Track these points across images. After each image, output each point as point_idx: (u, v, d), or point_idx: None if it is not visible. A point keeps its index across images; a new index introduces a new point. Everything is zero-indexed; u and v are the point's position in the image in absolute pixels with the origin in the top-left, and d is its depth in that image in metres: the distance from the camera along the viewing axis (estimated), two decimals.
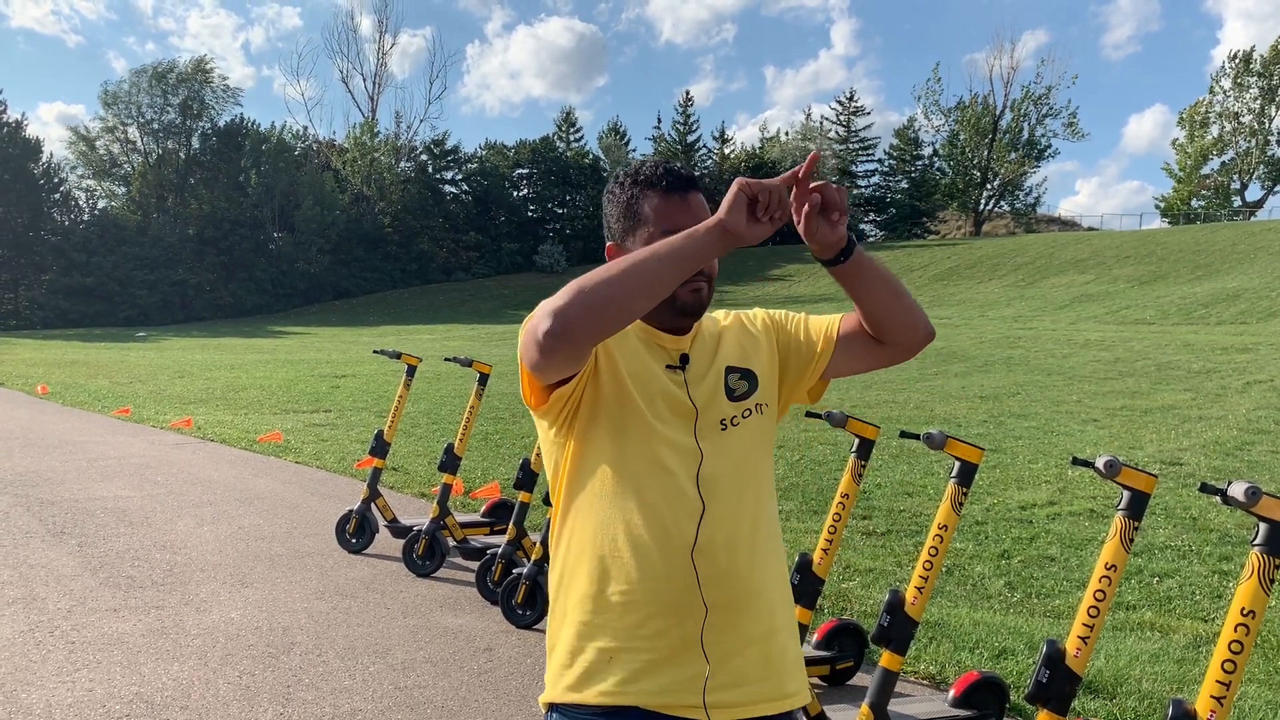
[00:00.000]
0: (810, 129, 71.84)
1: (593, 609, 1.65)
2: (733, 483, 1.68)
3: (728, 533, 1.65)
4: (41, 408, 15.24)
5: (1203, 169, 64.70)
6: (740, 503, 1.68)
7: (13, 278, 55.38)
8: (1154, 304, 28.85)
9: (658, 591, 1.62)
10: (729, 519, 1.66)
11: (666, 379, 1.70)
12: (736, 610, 1.64)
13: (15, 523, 6.99)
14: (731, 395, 1.74)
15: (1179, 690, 4.08)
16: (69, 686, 4.05)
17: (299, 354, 28.80)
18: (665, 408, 1.67)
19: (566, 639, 1.67)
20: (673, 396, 1.68)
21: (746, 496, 1.70)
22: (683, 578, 1.61)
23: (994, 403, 14.20)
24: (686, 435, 1.67)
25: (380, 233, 63.57)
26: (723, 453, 1.69)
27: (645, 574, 1.62)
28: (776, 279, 51.24)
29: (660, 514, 1.63)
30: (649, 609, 1.62)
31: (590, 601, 1.65)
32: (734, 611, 1.64)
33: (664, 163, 1.72)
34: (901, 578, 5.72)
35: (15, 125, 56.68)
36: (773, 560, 1.72)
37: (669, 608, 1.61)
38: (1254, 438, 10.50)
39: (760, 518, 1.71)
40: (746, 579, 1.66)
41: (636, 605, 1.62)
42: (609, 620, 1.63)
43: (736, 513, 1.67)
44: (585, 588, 1.66)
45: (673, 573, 1.61)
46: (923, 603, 3.31)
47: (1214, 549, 6.30)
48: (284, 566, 5.95)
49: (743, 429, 1.73)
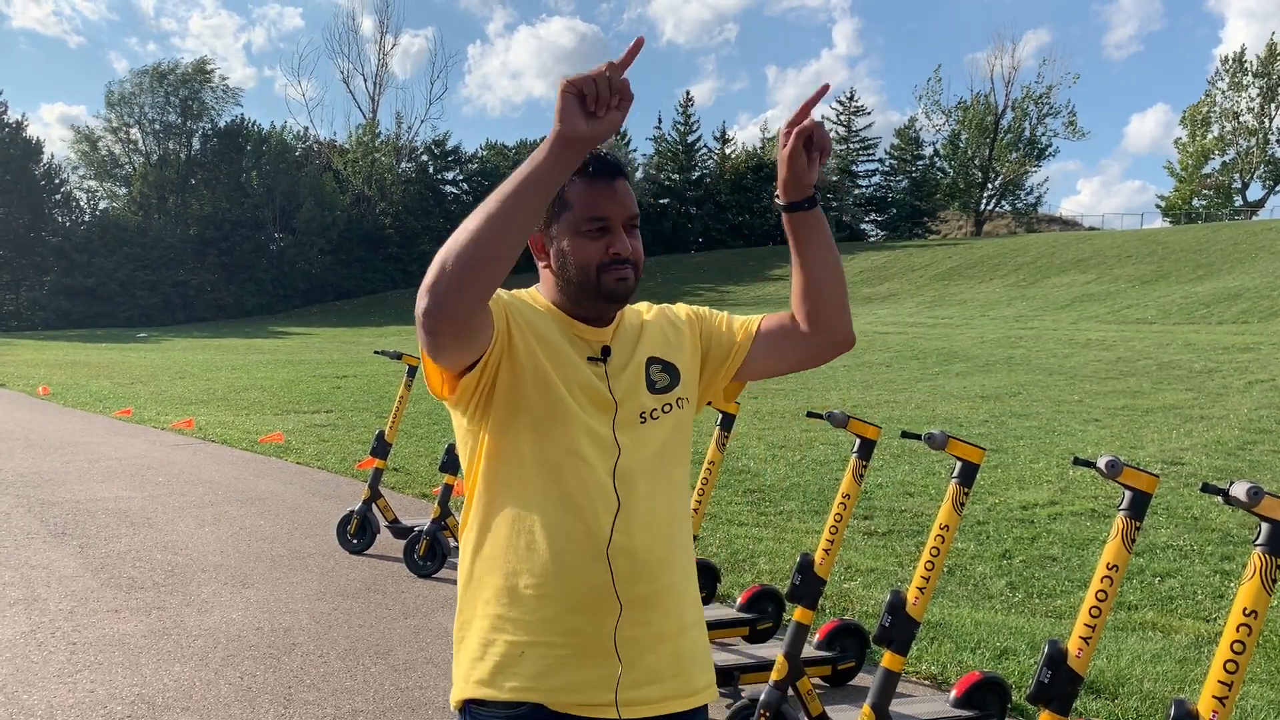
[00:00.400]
0: None
1: (506, 602, 1.62)
2: (649, 478, 1.66)
3: (643, 529, 1.63)
4: (43, 408, 15.25)
5: (1204, 168, 64.69)
6: (654, 498, 1.67)
7: (14, 278, 55.42)
8: (1155, 303, 28.84)
9: (572, 587, 1.59)
10: (645, 515, 1.64)
11: (588, 371, 1.67)
12: (650, 607, 1.63)
13: (17, 523, 6.99)
14: (653, 388, 1.72)
15: (1180, 690, 4.08)
16: (70, 687, 4.05)
17: (300, 354, 28.81)
18: (586, 400, 1.65)
19: (478, 631, 1.65)
20: (593, 389, 1.66)
21: (660, 491, 1.68)
22: (599, 574, 1.59)
23: (995, 402, 14.19)
24: (605, 428, 1.65)
25: (381, 233, 63.60)
26: (641, 446, 1.67)
27: (560, 569, 1.59)
28: (777, 279, 51.21)
29: (578, 508, 1.60)
30: (563, 604, 1.59)
31: (504, 595, 1.62)
32: (648, 609, 1.63)
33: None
34: (903, 578, 5.71)
35: (16, 126, 56.71)
36: (684, 556, 1.72)
37: (583, 604, 1.59)
38: (1256, 437, 10.49)
39: (674, 514, 1.71)
40: (660, 576, 1.65)
41: (550, 600, 1.60)
42: (522, 614, 1.61)
43: (651, 508, 1.65)
44: (499, 580, 1.63)
45: (588, 569, 1.59)
46: (924, 603, 3.30)
47: (1215, 549, 6.29)
48: (285, 567, 5.95)
49: (662, 423, 1.71)
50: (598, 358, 1.69)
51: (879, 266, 48.60)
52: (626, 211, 1.66)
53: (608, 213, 1.64)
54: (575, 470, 1.61)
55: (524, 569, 1.61)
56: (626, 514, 1.62)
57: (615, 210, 1.64)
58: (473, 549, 1.68)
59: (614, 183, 1.65)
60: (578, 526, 1.60)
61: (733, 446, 10.02)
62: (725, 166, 70.27)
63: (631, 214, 1.67)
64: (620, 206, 1.65)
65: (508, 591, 1.62)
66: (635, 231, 1.69)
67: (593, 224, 1.64)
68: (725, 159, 71.32)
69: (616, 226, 1.65)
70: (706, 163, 71.80)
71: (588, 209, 1.64)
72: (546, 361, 1.63)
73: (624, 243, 1.65)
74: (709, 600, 5.06)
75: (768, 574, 5.73)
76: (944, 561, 3.34)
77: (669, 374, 1.76)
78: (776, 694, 3.53)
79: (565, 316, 1.70)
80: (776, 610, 4.68)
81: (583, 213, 1.64)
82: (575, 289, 1.67)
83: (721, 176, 69.73)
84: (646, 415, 1.70)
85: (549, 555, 1.60)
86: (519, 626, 1.61)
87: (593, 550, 1.60)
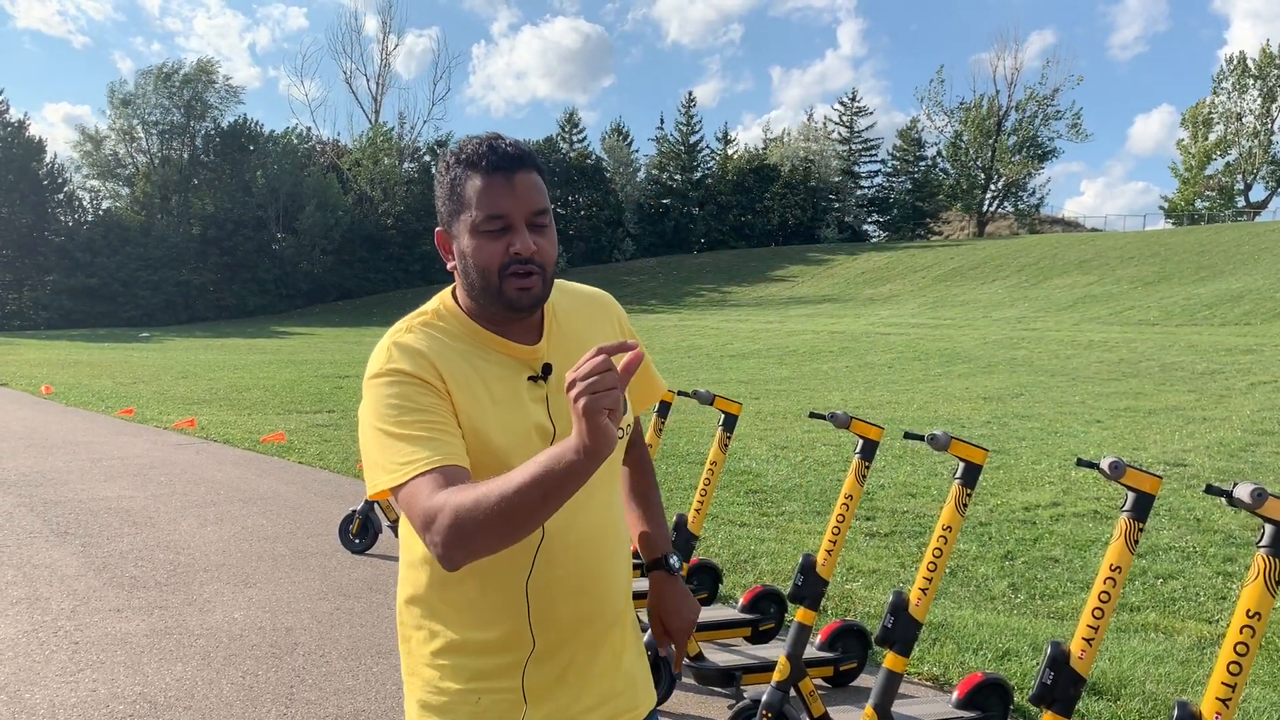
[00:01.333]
0: (812, 130, 71.82)
1: (430, 646, 1.58)
2: (583, 502, 1.51)
3: (569, 559, 1.54)
4: (45, 408, 15.26)
5: (1206, 169, 64.65)
6: (587, 524, 1.56)
7: (17, 278, 55.50)
8: (1158, 305, 28.81)
9: (487, 629, 1.54)
10: (571, 544, 1.54)
11: (528, 399, 1.55)
12: (565, 644, 1.56)
13: (19, 523, 7.00)
14: None
15: (1182, 692, 4.07)
16: (72, 686, 4.06)
17: (302, 354, 28.83)
18: (518, 437, 1.52)
19: (427, 679, 1.60)
20: (524, 424, 1.53)
21: (594, 509, 1.57)
22: (515, 612, 1.53)
23: (997, 404, 14.18)
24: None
25: (383, 233, 63.67)
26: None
27: (479, 612, 1.54)
28: (779, 279, 51.23)
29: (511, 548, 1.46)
30: (479, 649, 1.54)
31: (428, 637, 1.58)
32: (562, 645, 1.56)
33: (490, 139, 1.53)
34: (905, 579, 5.71)
35: (18, 125, 56.77)
36: (611, 585, 1.62)
37: (498, 646, 1.54)
38: (1258, 439, 10.47)
39: (606, 538, 1.60)
40: (586, 606, 1.57)
41: (468, 646, 1.55)
42: (444, 659, 1.56)
43: (580, 537, 1.55)
44: (424, 621, 1.59)
45: (505, 607, 1.53)
46: (927, 604, 3.30)
47: (1218, 550, 6.29)
48: (287, 567, 5.96)
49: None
50: (538, 375, 1.56)
51: (881, 267, 48.59)
52: (529, 206, 1.50)
53: (505, 209, 1.49)
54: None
55: (460, 614, 1.55)
56: (549, 546, 1.52)
57: (514, 206, 1.49)
58: (408, 590, 1.63)
59: (513, 177, 1.49)
60: (495, 563, 1.49)
61: (734, 447, 10.02)
62: (727, 167, 70.28)
63: (535, 209, 1.51)
64: (521, 201, 1.49)
65: (449, 638, 1.57)
66: (544, 229, 1.52)
67: (491, 223, 1.49)
68: (727, 159, 71.33)
69: (518, 224, 1.49)
70: (709, 163, 71.84)
71: (484, 206, 1.49)
72: (477, 420, 1.51)
73: (525, 241, 1.49)
74: (711, 601, 5.06)
75: (770, 575, 5.72)
76: (946, 562, 3.33)
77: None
78: (779, 695, 3.52)
79: (490, 335, 1.56)
80: (779, 611, 4.67)
81: (480, 210, 1.49)
82: (479, 293, 1.53)
83: (724, 177, 69.74)
84: None
85: (470, 597, 1.54)
86: (467, 674, 1.56)
87: (510, 588, 1.52)
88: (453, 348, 1.54)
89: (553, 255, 1.54)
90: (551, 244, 1.54)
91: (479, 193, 1.49)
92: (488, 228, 1.49)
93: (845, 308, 38.26)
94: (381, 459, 1.43)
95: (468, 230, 1.51)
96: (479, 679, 1.55)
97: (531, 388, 1.56)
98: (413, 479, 1.39)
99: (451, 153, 1.55)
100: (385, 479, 1.42)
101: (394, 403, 1.46)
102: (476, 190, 1.50)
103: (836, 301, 40.94)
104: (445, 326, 1.57)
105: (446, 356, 1.52)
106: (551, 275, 1.55)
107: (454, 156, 1.54)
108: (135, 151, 63.68)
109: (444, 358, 1.52)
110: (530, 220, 1.51)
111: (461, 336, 1.56)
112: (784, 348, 25.13)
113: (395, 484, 1.40)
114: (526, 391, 1.55)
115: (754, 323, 32.83)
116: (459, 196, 1.52)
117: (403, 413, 1.45)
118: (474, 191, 1.50)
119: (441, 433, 1.44)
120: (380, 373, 1.50)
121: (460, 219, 1.52)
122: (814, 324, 31.72)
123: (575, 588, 1.55)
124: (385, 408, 1.46)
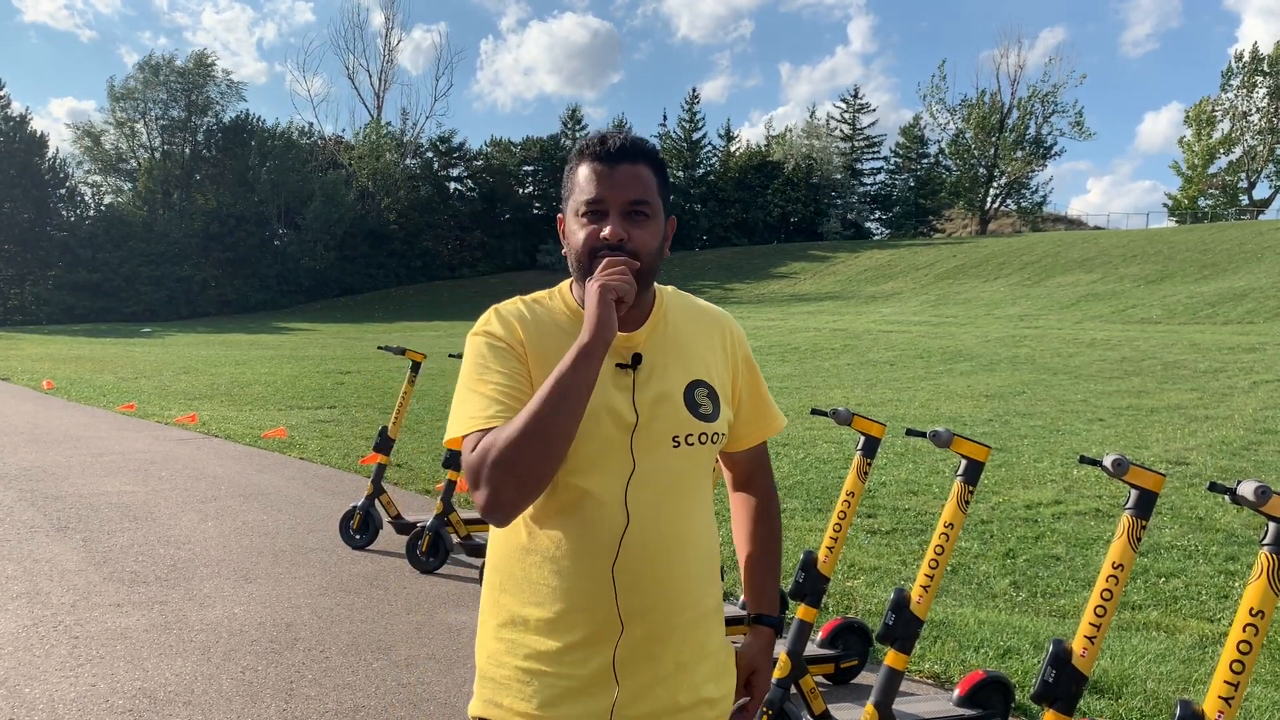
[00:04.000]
0: (815, 127, 71.73)
1: (512, 624, 1.60)
2: (668, 498, 1.58)
3: (657, 547, 1.56)
4: (47, 403, 15.27)
5: (1210, 168, 64.52)
6: (672, 519, 1.59)
7: (19, 273, 55.48)
8: (1160, 303, 28.77)
9: (575, 610, 1.55)
10: (656, 535, 1.56)
11: (610, 384, 1.58)
12: (658, 638, 1.57)
13: (20, 517, 7.00)
14: (695, 411, 1.62)
15: (1184, 690, 4.06)
16: (72, 681, 4.05)
17: (304, 350, 28.83)
18: (602, 416, 1.55)
19: (488, 647, 1.64)
20: (610, 404, 1.56)
21: (680, 513, 1.60)
22: (602, 595, 1.54)
23: (999, 401, 14.17)
24: (622, 444, 1.56)
25: (385, 229, 63.65)
26: (663, 468, 1.58)
27: (564, 591, 1.56)
28: (782, 276, 51.19)
29: (584, 525, 1.54)
30: (566, 631, 1.56)
31: (511, 616, 1.61)
32: (655, 639, 1.57)
33: (605, 133, 1.61)
34: (906, 576, 5.70)
35: (20, 120, 56.72)
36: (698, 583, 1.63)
37: (586, 626, 1.55)
38: (1261, 437, 10.45)
39: (695, 538, 1.62)
40: (670, 601, 1.58)
41: (554, 626, 1.56)
42: (526, 639, 1.59)
43: (666, 529, 1.58)
44: (507, 600, 1.62)
45: (591, 590, 1.54)
46: (928, 601, 3.29)
47: (1220, 549, 6.27)
48: (287, 562, 5.95)
49: (696, 452, 1.62)
50: (627, 364, 1.60)
51: (883, 265, 48.54)
52: (626, 195, 1.56)
53: (601, 195, 1.56)
54: (585, 487, 1.55)
55: (529, 591, 1.58)
56: (635, 532, 1.54)
57: (611, 194, 1.55)
58: (494, 563, 1.67)
59: (616, 168, 1.57)
60: (583, 544, 1.54)
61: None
62: (730, 164, 70.22)
63: (632, 198, 1.56)
64: (619, 190, 1.56)
65: (514, 613, 1.60)
66: (642, 220, 1.57)
67: (588, 207, 1.57)
68: (730, 156, 71.27)
69: (612, 211, 1.56)
70: (711, 160, 71.77)
71: (584, 192, 1.58)
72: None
73: (615, 227, 1.54)
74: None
75: None
76: (948, 560, 3.32)
77: (713, 402, 1.65)
78: (780, 692, 3.51)
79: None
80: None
81: (580, 195, 1.58)
82: (578, 275, 1.61)
83: (726, 174, 69.68)
84: (680, 439, 1.60)
85: (554, 577, 1.56)
86: (525, 652, 1.59)
87: (596, 570, 1.54)
88: (549, 325, 1.63)
89: (650, 245, 1.58)
90: (650, 235, 1.58)
91: (583, 179, 1.59)
92: (585, 212, 1.58)
93: (847, 305, 38.23)
94: (457, 411, 1.58)
95: (572, 214, 1.61)
96: (536, 660, 1.58)
97: (617, 374, 1.60)
98: (474, 432, 1.51)
99: (575, 145, 1.66)
100: (453, 428, 1.56)
101: (478, 361, 1.59)
102: (583, 177, 1.59)
103: (838, 299, 40.91)
104: (551, 305, 1.67)
105: (540, 331, 1.62)
106: (648, 265, 1.58)
107: (575, 147, 1.64)
108: (136, 147, 63.67)
109: (536, 331, 1.61)
110: (627, 209, 1.57)
111: (562, 317, 1.65)
112: (786, 345, 25.11)
113: (458, 434, 1.54)
114: (611, 377, 1.59)
115: (756, 320, 32.80)
116: (570, 183, 1.63)
117: (483, 372, 1.57)
118: (580, 178, 1.60)
119: (510, 398, 1.54)
120: (476, 331, 1.63)
121: (569, 204, 1.63)
122: (816, 321, 31.70)
123: (652, 578, 1.56)
124: (470, 365, 1.60)
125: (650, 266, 1.58)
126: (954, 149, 69.20)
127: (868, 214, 71.55)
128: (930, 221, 69.43)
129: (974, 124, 67.47)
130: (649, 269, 1.58)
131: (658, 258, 1.60)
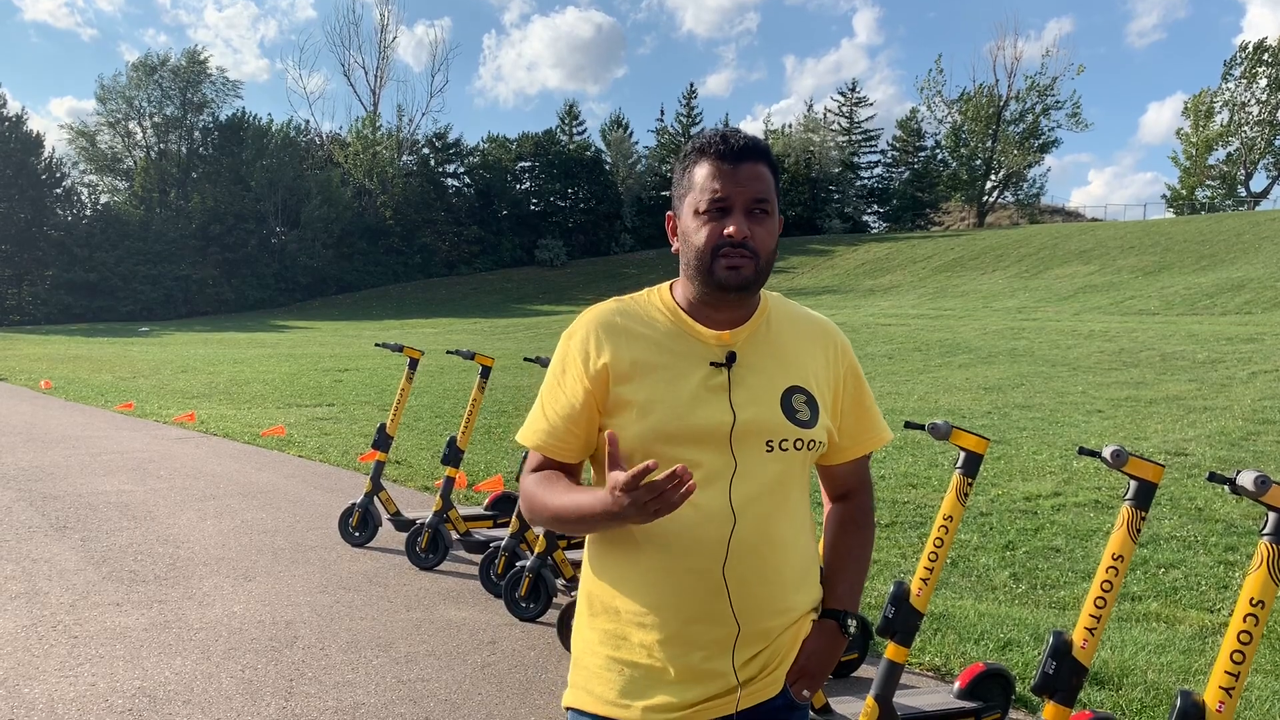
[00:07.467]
0: (813, 121, 71.66)
1: (619, 621, 1.61)
2: (770, 498, 1.59)
3: (766, 547, 1.58)
4: (45, 403, 15.25)
5: (1208, 159, 64.48)
6: (774, 519, 1.60)
7: (16, 273, 55.40)
8: (1159, 294, 28.77)
9: (684, 608, 1.56)
10: (762, 534, 1.58)
11: (702, 385, 1.58)
12: (769, 634, 1.61)
13: (18, 517, 6.99)
14: (792, 417, 1.61)
15: (1184, 681, 4.06)
16: (71, 681, 4.05)
17: (302, 348, 28.81)
18: (699, 414, 1.57)
19: (588, 643, 1.64)
20: (706, 401, 1.58)
21: (782, 513, 1.61)
22: (715, 596, 1.55)
23: (998, 394, 14.17)
24: (721, 442, 1.56)
25: (382, 226, 63.58)
26: (760, 469, 1.58)
27: (672, 590, 1.57)
28: (780, 270, 51.19)
29: (689, 523, 1.54)
30: (679, 628, 1.57)
31: (616, 613, 1.61)
32: (766, 635, 1.61)
33: (724, 130, 1.62)
34: (906, 569, 5.70)
35: (16, 120, 56.60)
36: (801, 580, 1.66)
37: (701, 622, 1.56)
38: (1259, 428, 10.46)
39: (796, 537, 1.64)
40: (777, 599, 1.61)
41: (666, 625, 1.57)
42: (634, 635, 1.59)
43: (771, 529, 1.59)
44: (610, 597, 1.62)
45: (701, 590, 1.55)
46: (928, 594, 3.29)
47: (1219, 539, 6.27)
48: (287, 560, 5.95)
49: (791, 457, 1.61)
50: (721, 363, 1.60)
51: (881, 258, 48.54)
52: (749, 194, 1.57)
53: (726, 192, 1.56)
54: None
55: (634, 588, 1.59)
56: (742, 531, 1.55)
57: (735, 191, 1.56)
58: (594, 557, 1.67)
59: (738, 167, 1.57)
60: (688, 541, 1.55)
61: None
62: None
63: (755, 197, 1.57)
64: (742, 188, 1.56)
65: (619, 610, 1.61)
66: (763, 217, 1.58)
67: (711, 204, 1.57)
68: None
69: (736, 209, 1.56)
70: None
71: (707, 189, 1.58)
72: (653, 391, 1.58)
73: (740, 225, 1.55)
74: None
75: None
76: (947, 553, 3.32)
77: (811, 410, 1.64)
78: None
79: (685, 317, 1.63)
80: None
81: (702, 193, 1.58)
82: (693, 272, 1.60)
83: None
84: (774, 444, 1.59)
85: (660, 575, 1.57)
86: (630, 648, 1.59)
87: (707, 571, 1.55)
88: (642, 326, 1.64)
89: (769, 245, 1.60)
90: (769, 234, 1.60)
91: (705, 177, 1.59)
92: (707, 209, 1.58)
93: (845, 298, 38.24)
94: (530, 417, 1.70)
95: (690, 211, 1.61)
96: (628, 650, 1.59)
97: (711, 374, 1.60)
98: (531, 449, 1.69)
99: (689, 142, 1.65)
100: (522, 432, 1.70)
101: (556, 370, 1.67)
102: (703, 175, 1.59)
103: (837, 292, 40.91)
104: (648, 304, 1.68)
105: (630, 339, 1.62)
106: (766, 264, 1.60)
107: (691, 144, 1.64)
108: (132, 146, 63.55)
109: (626, 340, 1.62)
110: (749, 207, 1.58)
111: (657, 318, 1.65)
112: None
113: (522, 441, 1.69)
114: (704, 379, 1.59)
115: None
116: (688, 180, 1.62)
117: (554, 389, 1.66)
118: (700, 176, 1.60)
119: (565, 420, 1.63)
120: (570, 333, 1.68)
121: (686, 201, 1.62)
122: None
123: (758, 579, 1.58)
124: (552, 370, 1.68)
125: (768, 265, 1.60)
126: (951, 142, 69.14)
127: (865, 207, 71.51)
128: (928, 214, 69.39)
129: (970, 116, 67.38)
130: (767, 267, 1.60)
131: (774, 256, 1.62)
